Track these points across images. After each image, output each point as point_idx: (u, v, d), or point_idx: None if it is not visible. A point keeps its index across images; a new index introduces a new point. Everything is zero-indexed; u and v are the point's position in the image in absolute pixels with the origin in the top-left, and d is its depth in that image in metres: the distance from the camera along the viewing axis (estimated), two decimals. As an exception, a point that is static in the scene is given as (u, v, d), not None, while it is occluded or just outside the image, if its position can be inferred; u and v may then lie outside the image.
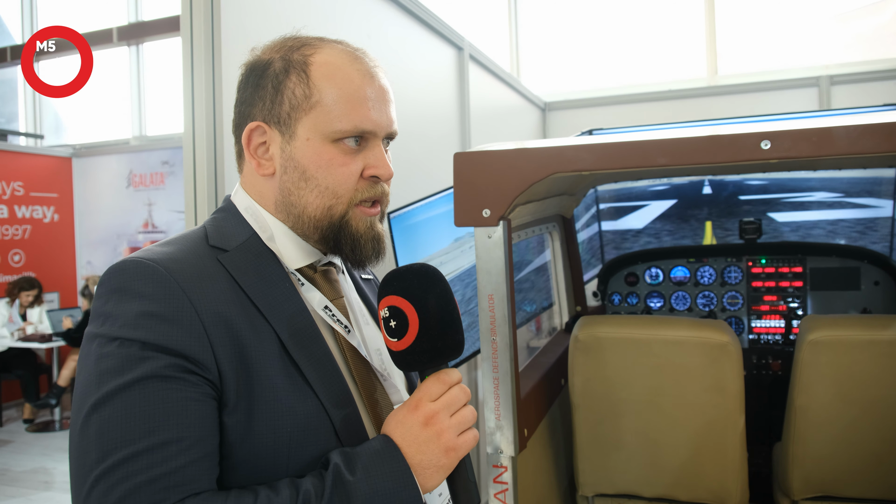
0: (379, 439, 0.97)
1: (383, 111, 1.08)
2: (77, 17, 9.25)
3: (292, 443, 0.95)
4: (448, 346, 1.00)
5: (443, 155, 3.21)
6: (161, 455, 0.85)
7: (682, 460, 2.21)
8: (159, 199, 8.08)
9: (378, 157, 1.07)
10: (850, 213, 3.70)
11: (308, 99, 1.04)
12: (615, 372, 2.21)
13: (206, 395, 0.91)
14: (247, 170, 1.12)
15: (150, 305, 0.91)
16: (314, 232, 1.07)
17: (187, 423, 0.88)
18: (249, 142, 1.08)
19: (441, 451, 0.96)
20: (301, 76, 1.05)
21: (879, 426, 2.08)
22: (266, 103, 1.06)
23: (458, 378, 1.03)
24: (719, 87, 5.96)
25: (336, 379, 1.03)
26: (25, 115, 9.03)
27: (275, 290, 1.03)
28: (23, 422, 7.11)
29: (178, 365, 0.89)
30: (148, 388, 0.87)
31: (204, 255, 1.01)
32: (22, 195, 7.86)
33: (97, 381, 0.88)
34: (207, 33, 1.95)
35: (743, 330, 3.33)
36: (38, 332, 7.13)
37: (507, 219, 1.79)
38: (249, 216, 1.10)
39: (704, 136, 1.66)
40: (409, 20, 3.17)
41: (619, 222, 4.13)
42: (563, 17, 7.21)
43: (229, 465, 0.93)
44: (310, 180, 1.05)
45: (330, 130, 1.04)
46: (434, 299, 0.99)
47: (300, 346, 1.01)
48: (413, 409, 0.99)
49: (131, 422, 0.85)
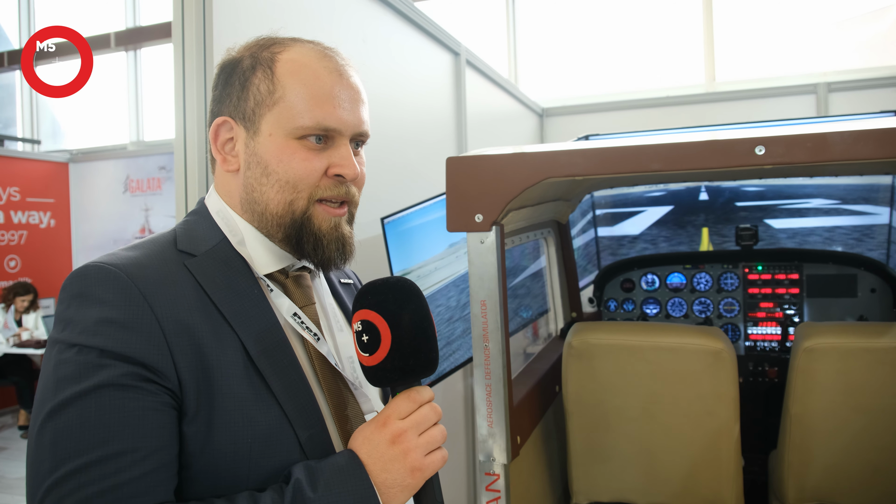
0: (344, 455, 0.95)
1: (351, 110, 1.06)
2: (75, 22, 9.25)
3: (253, 454, 0.93)
4: (420, 365, 0.98)
5: (439, 160, 3.19)
6: (115, 466, 0.83)
7: (676, 468, 2.20)
8: (156, 204, 8.08)
9: (343, 157, 1.06)
10: (847, 220, 3.70)
11: (272, 95, 1.03)
12: (609, 379, 2.20)
13: (164, 405, 0.89)
14: (217, 170, 1.12)
15: (110, 312, 0.89)
16: (277, 230, 1.05)
17: (143, 433, 0.86)
18: (217, 137, 1.08)
19: (407, 470, 0.95)
20: (266, 72, 1.04)
21: (875, 434, 2.06)
22: (233, 99, 1.06)
23: (430, 396, 1.01)
24: (717, 94, 5.96)
25: (302, 389, 1.00)
26: (22, 121, 9.03)
27: (242, 297, 1.01)
28: (18, 428, 7.08)
29: (137, 374, 0.87)
30: (104, 397, 0.85)
31: (170, 259, 0.99)
32: (18, 200, 7.85)
33: (54, 388, 0.86)
34: (199, 40, 1.94)
35: (739, 337, 3.31)
36: (33, 338, 7.11)
37: (500, 224, 1.78)
38: (220, 220, 1.08)
39: (698, 142, 1.65)
40: (406, 25, 3.16)
41: (615, 228, 4.13)
42: (562, 23, 7.21)
43: (189, 475, 0.91)
44: (271, 175, 1.04)
45: (292, 127, 1.02)
46: (409, 315, 0.97)
47: (265, 354, 0.98)
48: (381, 425, 0.97)
49: (86, 431, 0.83)
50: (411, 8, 3.14)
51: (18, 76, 9.12)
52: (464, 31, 4.37)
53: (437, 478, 1.02)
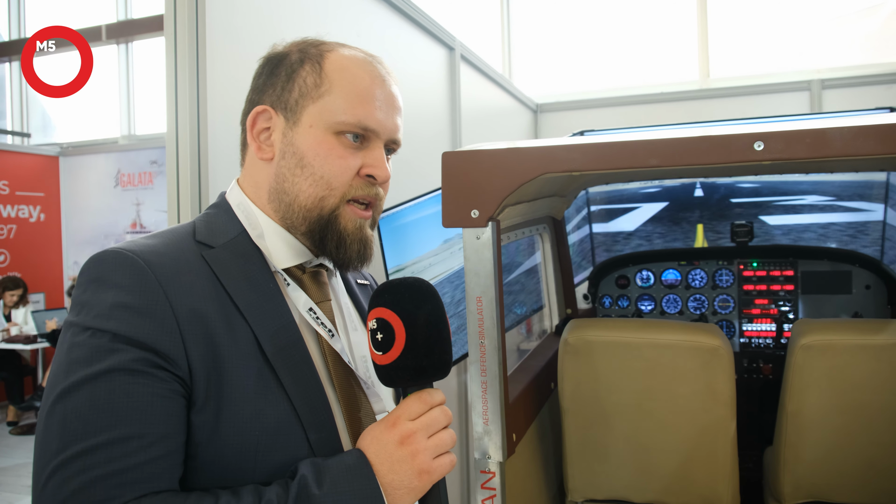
0: (352, 454, 0.94)
1: (389, 115, 1.10)
2: (66, 14, 9.18)
3: (260, 447, 0.93)
4: (433, 365, 0.97)
5: (433, 155, 3.17)
6: (121, 450, 0.83)
7: (672, 465, 2.19)
8: (148, 198, 8.03)
9: (377, 158, 1.08)
10: (842, 216, 3.70)
11: (318, 88, 1.06)
12: (605, 376, 2.19)
13: (173, 392, 0.89)
14: (248, 159, 1.13)
15: (125, 297, 0.90)
16: (302, 223, 1.06)
17: (151, 419, 0.86)
18: (254, 125, 1.09)
19: (414, 472, 0.94)
20: (315, 66, 1.07)
21: (871, 430, 2.07)
22: (276, 89, 1.08)
23: (441, 399, 1.00)
24: (711, 90, 5.96)
25: (313, 385, 1.00)
26: (12, 113, 8.96)
27: (257, 290, 1.01)
28: (7, 424, 7.03)
29: (147, 359, 0.88)
30: (114, 381, 0.86)
31: (188, 249, 1.00)
32: (7, 194, 7.79)
33: (66, 369, 0.87)
34: (192, 32, 1.91)
35: (734, 333, 3.31)
36: (22, 334, 7.06)
37: (497, 220, 1.76)
38: (241, 213, 1.09)
39: (697, 137, 1.63)
40: (400, 19, 3.14)
41: (609, 224, 4.12)
42: (556, 19, 7.19)
43: (195, 465, 0.91)
44: (306, 167, 1.05)
45: (334, 121, 1.05)
46: (424, 315, 0.96)
47: (278, 348, 0.98)
48: (390, 426, 0.96)
49: (94, 414, 0.84)
50: (406, 2, 3.11)
51: (8, 68, 9.05)
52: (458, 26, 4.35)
53: (444, 482, 1.01)
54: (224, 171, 1.96)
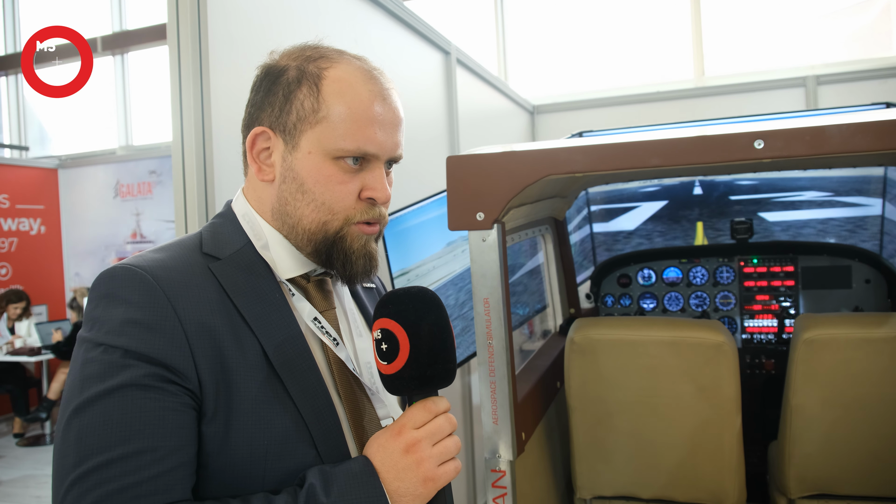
0: (359, 461, 0.96)
1: (390, 135, 1.07)
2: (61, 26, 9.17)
3: (269, 456, 0.95)
4: (437, 375, 0.98)
5: (431, 160, 3.20)
6: (135, 464, 0.86)
7: (678, 461, 2.21)
8: (147, 208, 8.03)
9: (377, 180, 1.07)
10: (840, 211, 3.72)
11: (316, 113, 1.03)
12: (611, 374, 2.21)
13: (184, 405, 0.91)
14: (250, 174, 1.12)
15: (135, 313, 0.92)
16: (307, 244, 1.07)
17: (163, 432, 0.88)
18: (253, 146, 1.08)
19: (419, 480, 0.95)
20: (312, 89, 1.04)
21: (875, 424, 2.08)
22: (275, 110, 1.06)
23: (446, 407, 1.01)
24: (706, 89, 5.98)
25: (319, 393, 1.02)
26: (10, 127, 8.96)
27: (263, 302, 1.02)
28: (13, 436, 7.02)
29: (159, 374, 0.90)
30: (127, 397, 0.88)
31: (195, 262, 1.01)
32: (7, 208, 7.79)
33: (80, 385, 0.89)
34: (195, 41, 1.93)
35: (736, 330, 3.33)
36: (26, 346, 7.05)
37: (502, 222, 1.78)
38: (246, 223, 1.10)
39: (698, 137, 1.66)
40: (396, 24, 3.16)
41: (610, 224, 4.14)
42: (550, 20, 7.22)
43: (206, 474, 0.93)
44: (307, 193, 1.05)
45: (332, 148, 1.03)
46: (428, 326, 0.97)
47: (284, 358, 1.00)
48: (395, 434, 0.97)
49: (108, 429, 0.86)
50: (401, 7, 3.14)
51: (4, 82, 9.05)
52: (453, 30, 4.38)
53: (450, 488, 1.02)
54: (229, 179, 1.97)
